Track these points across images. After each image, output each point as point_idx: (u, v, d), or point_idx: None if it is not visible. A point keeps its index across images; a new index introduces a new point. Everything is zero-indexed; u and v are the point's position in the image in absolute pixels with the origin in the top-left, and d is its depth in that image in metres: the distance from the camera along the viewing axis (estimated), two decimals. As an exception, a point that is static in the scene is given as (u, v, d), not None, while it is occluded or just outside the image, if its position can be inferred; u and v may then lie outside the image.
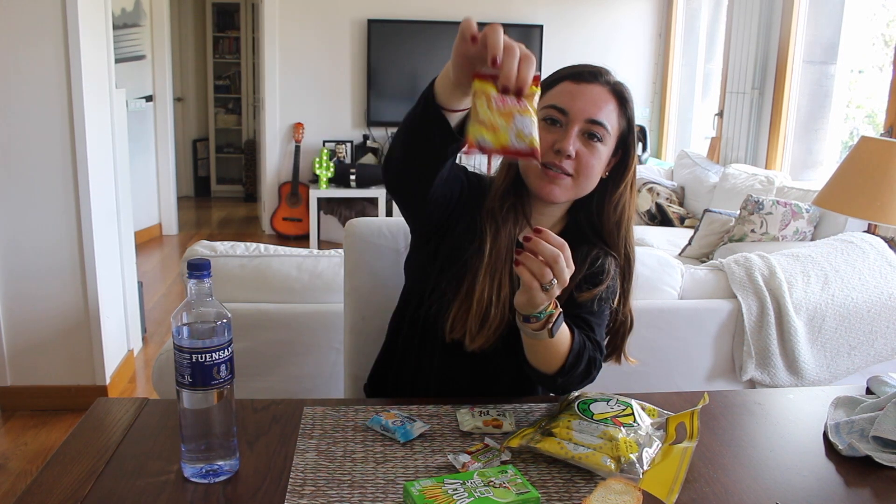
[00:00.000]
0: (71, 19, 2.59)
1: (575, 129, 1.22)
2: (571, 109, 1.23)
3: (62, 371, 2.83)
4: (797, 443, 1.17)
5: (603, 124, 1.23)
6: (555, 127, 1.24)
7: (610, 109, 1.25)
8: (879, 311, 2.05)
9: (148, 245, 5.54)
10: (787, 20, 4.25)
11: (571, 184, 1.24)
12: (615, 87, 1.27)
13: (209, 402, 0.99)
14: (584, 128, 1.23)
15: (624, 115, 1.27)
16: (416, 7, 5.67)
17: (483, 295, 1.22)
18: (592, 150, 1.23)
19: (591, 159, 1.23)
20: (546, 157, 1.22)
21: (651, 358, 2.00)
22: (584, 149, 1.23)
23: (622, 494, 0.95)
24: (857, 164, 2.49)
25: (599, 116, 1.23)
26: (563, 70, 1.29)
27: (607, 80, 1.27)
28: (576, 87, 1.25)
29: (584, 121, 1.23)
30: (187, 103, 7.35)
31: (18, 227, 2.71)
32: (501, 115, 0.89)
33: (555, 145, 1.22)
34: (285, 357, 1.88)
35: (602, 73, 1.27)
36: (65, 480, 0.99)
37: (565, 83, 1.26)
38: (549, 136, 1.23)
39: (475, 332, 1.23)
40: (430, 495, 0.92)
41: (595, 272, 1.28)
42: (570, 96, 1.24)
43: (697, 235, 3.82)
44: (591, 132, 1.23)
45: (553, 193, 1.24)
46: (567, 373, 1.18)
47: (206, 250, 1.92)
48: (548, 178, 1.23)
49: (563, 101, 1.24)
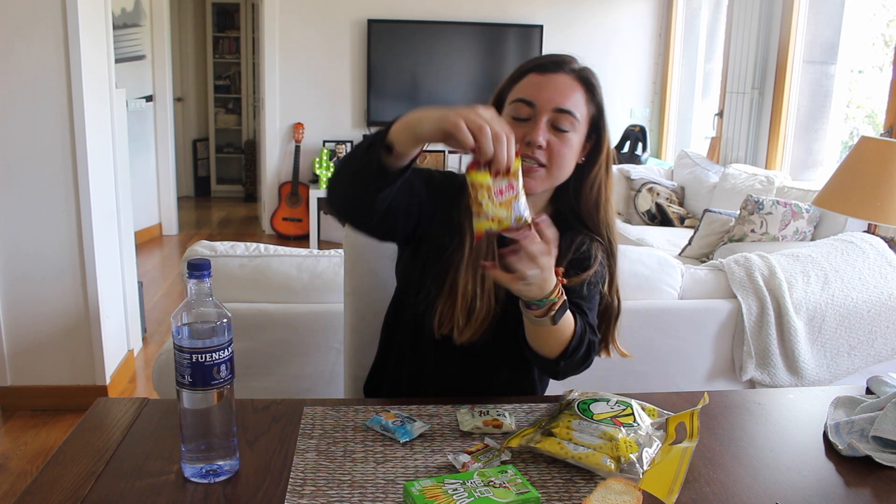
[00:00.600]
0: (71, 19, 2.59)
1: (543, 119, 1.23)
2: (538, 100, 1.24)
3: (62, 371, 2.83)
4: (797, 443, 1.17)
5: (571, 112, 1.24)
6: (523, 120, 1.25)
7: (577, 97, 1.25)
8: (879, 311, 2.05)
9: (148, 245, 5.54)
10: (787, 20, 4.25)
11: (545, 174, 1.26)
12: (581, 73, 1.27)
13: (209, 402, 0.99)
14: (552, 118, 1.24)
15: (592, 100, 1.28)
16: (416, 7, 5.67)
17: (467, 288, 1.24)
18: (563, 140, 1.24)
19: (561, 148, 1.24)
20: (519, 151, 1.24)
21: (651, 358, 2.00)
22: (554, 138, 1.24)
23: (622, 494, 0.95)
24: (857, 164, 2.49)
25: (566, 105, 1.24)
26: (528, 63, 1.29)
27: (572, 67, 1.27)
28: (541, 78, 1.25)
29: (552, 110, 1.23)
30: (187, 103, 7.35)
31: (18, 228, 2.71)
32: (502, 205, 0.99)
33: (525, 137, 1.23)
34: (285, 357, 1.88)
35: (566, 61, 1.28)
36: (65, 480, 0.99)
37: (531, 75, 1.26)
38: (519, 130, 1.24)
39: (463, 325, 1.24)
40: (430, 495, 0.92)
41: (581, 258, 1.30)
42: (535, 88, 1.25)
43: (697, 235, 3.82)
44: (560, 121, 1.24)
45: (528, 185, 1.24)
46: (569, 357, 1.19)
47: (206, 250, 1.92)
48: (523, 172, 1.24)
49: (530, 93, 1.25)
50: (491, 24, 5.72)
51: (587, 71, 1.29)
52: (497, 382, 1.37)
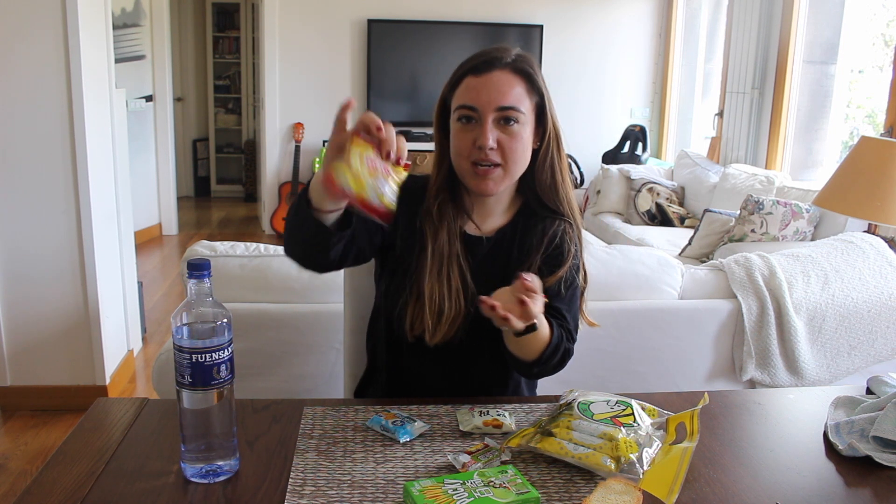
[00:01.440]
0: (71, 19, 2.59)
1: (489, 120, 1.24)
2: (478, 103, 1.24)
3: (62, 371, 2.83)
4: (797, 443, 1.17)
5: (514, 107, 1.24)
6: (470, 124, 1.26)
7: (517, 91, 1.25)
8: (879, 311, 2.05)
9: (148, 245, 5.54)
10: (787, 20, 4.25)
11: (502, 173, 1.27)
12: (516, 65, 1.27)
13: (209, 402, 0.99)
14: (496, 116, 1.24)
15: (533, 88, 1.28)
16: (416, 7, 5.67)
17: (433, 291, 1.27)
18: (512, 135, 1.25)
19: (512, 143, 1.25)
20: (472, 156, 1.25)
21: (651, 358, 2.00)
22: (503, 135, 1.25)
23: (622, 494, 0.95)
24: (857, 164, 2.49)
25: (507, 102, 1.24)
26: (463, 65, 1.29)
27: (506, 62, 1.26)
28: (478, 80, 1.25)
29: (495, 110, 1.24)
30: (187, 103, 7.35)
31: (18, 228, 2.71)
32: (369, 171, 1.00)
33: (475, 142, 1.24)
34: (285, 357, 1.88)
35: (499, 56, 1.27)
36: (65, 480, 0.99)
37: (467, 79, 1.27)
38: (468, 135, 1.26)
39: (433, 327, 1.27)
40: (430, 495, 0.92)
41: (555, 253, 1.31)
42: (474, 91, 1.25)
43: (697, 235, 3.82)
44: (506, 118, 1.24)
45: (488, 187, 1.28)
46: (543, 363, 1.23)
47: (206, 250, 1.92)
48: (479, 176, 1.26)
49: (470, 98, 1.25)
50: (491, 24, 5.72)
51: (522, 60, 1.28)
52: (476, 378, 1.37)
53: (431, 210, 1.32)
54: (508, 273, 1.27)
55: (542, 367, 1.24)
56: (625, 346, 1.94)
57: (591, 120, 6.01)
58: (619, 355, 1.94)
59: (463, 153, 1.27)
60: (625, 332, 1.93)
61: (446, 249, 1.29)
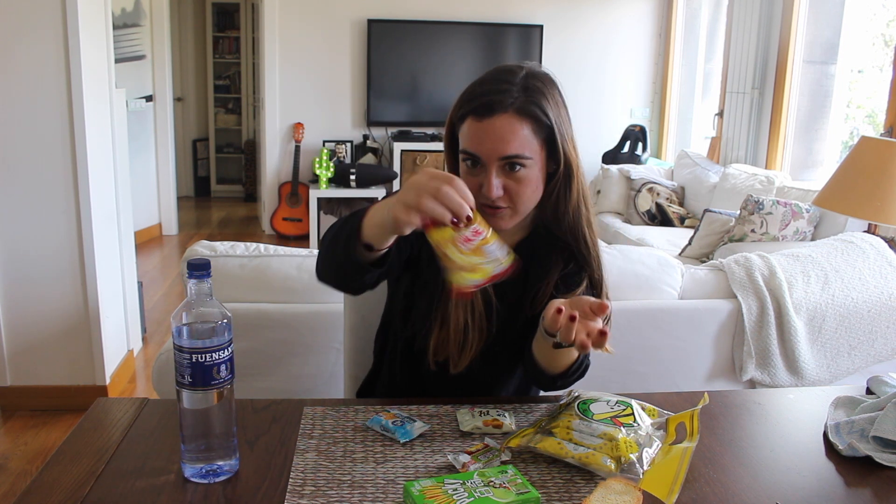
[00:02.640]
0: (71, 19, 2.59)
1: (493, 169, 1.18)
2: (482, 152, 1.18)
3: (62, 371, 2.83)
4: (797, 443, 1.17)
5: (518, 155, 1.17)
6: (476, 169, 1.20)
7: (522, 136, 1.17)
8: (879, 311, 2.05)
9: (148, 245, 5.54)
10: (787, 20, 4.25)
11: (511, 213, 1.22)
12: (520, 106, 1.17)
13: (209, 402, 0.99)
14: (501, 164, 1.18)
15: (541, 127, 1.20)
16: (416, 7, 5.67)
17: (459, 321, 1.24)
18: (519, 181, 1.19)
19: (519, 189, 1.20)
20: (479, 199, 1.18)
21: (651, 358, 2.00)
22: (509, 182, 1.19)
23: (622, 494, 0.95)
24: (857, 164, 2.49)
25: (511, 151, 1.17)
26: (465, 103, 1.20)
27: (509, 104, 1.17)
28: (479, 126, 1.17)
29: (498, 159, 1.18)
30: (187, 103, 7.35)
31: (18, 228, 2.71)
32: (473, 252, 0.95)
33: (481, 189, 1.19)
34: (285, 357, 1.88)
35: (501, 100, 1.17)
36: (65, 480, 0.99)
37: (469, 121, 1.19)
38: (474, 179, 1.20)
39: (457, 357, 1.25)
40: (430, 495, 0.92)
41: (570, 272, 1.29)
42: (477, 139, 1.18)
43: (697, 235, 3.82)
44: (511, 165, 1.18)
45: (498, 226, 1.21)
46: (568, 377, 1.23)
47: (206, 250, 1.92)
48: (489, 215, 1.20)
49: (473, 146, 1.19)
50: (491, 24, 5.72)
51: (526, 96, 1.18)
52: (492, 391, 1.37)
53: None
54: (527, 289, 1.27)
55: (566, 381, 1.24)
56: (625, 346, 1.93)
57: (591, 120, 6.01)
58: (619, 355, 1.93)
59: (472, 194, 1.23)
60: (625, 332, 1.93)
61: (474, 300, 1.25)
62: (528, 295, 1.28)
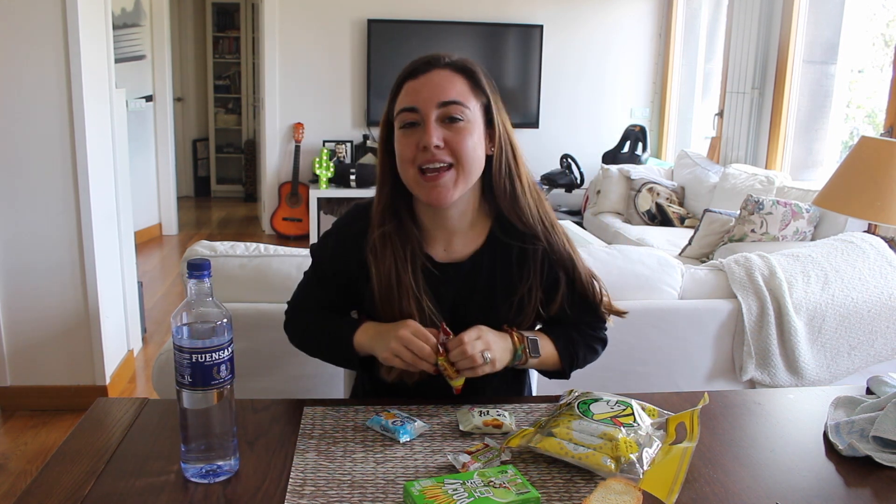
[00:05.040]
0: (71, 19, 2.58)
1: (431, 118, 1.16)
2: (419, 102, 1.17)
3: (62, 371, 2.83)
4: (797, 443, 1.17)
5: (456, 101, 1.17)
6: (413, 128, 1.18)
7: (459, 87, 1.18)
8: (879, 311, 2.05)
9: (148, 245, 5.54)
10: (787, 20, 4.25)
11: (455, 175, 1.17)
12: (457, 64, 1.21)
13: (209, 402, 0.99)
14: (440, 114, 1.16)
15: (478, 87, 1.21)
16: (416, 7, 5.66)
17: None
18: (458, 131, 1.17)
19: (460, 139, 1.16)
20: (418, 160, 1.17)
21: (651, 358, 2.00)
22: (448, 133, 1.16)
23: (622, 494, 0.95)
24: (857, 164, 2.49)
25: (449, 96, 1.17)
26: (401, 74, 1.23)
27: (446, 62, 1.21)
28: (416, 82, 1.19)
29: (436, 106, 1.16)
30: (187, 103, 7.35)
31: (18, 227, 2.70)
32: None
33: (420, 143, 1.16)
34: (285, 357, 1.88)
35: (438, 58, 1.21)
36: (65, 480, 0.99)
37: (407, 84, 1.20)
38: (411, 140, 1.17)
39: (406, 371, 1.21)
40: (430, 495, 0.92)
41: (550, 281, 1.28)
42: (414, 92, 1.18)
43: (697, 235, 3.82)
44: (449, 115, 1.16)
45: (441, 195, 1.18)
46: (570, 369, 1.31)
47: (206, 250, 1.92)
48: (430, 183, 1.17)
49: (410, 100, 1.18)
50: (491, 24, 5.72)
51: (464, 60, 1.22)
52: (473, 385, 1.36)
53: (374, 241, 1.23)
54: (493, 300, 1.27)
55: (571, 370, 1.32)
56: (625, 346, 1.93)
57: (591, 120, 6.01)
58: (619, 355, 1.94)
59: (407, 158, 1.17)
60: (625, 331, 1.93)
61: (394, 282, 1.21)
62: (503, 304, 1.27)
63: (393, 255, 1.21)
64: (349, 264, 1.28)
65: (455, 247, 1.28)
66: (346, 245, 1.28)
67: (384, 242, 1.22)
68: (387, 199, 1.24)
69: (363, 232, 1.26)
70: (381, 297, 1.23)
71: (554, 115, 5.91)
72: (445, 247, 1.28)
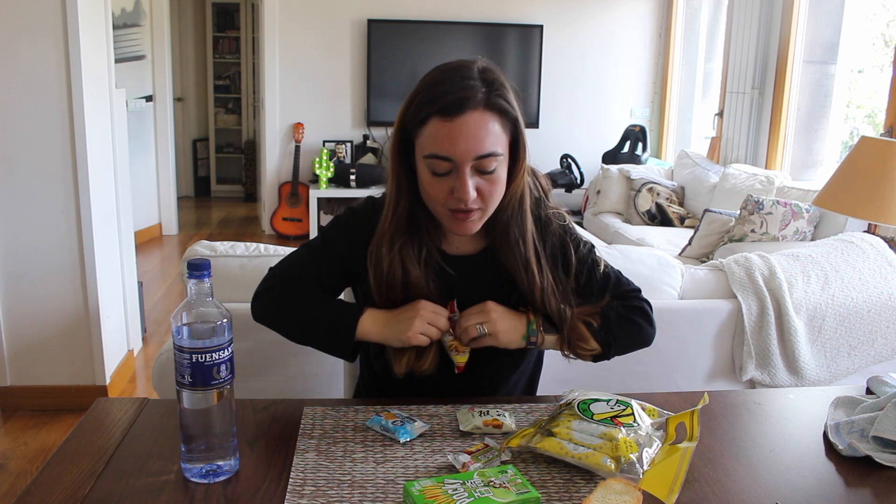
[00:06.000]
0: (71, 19, 2.58)
1: (466, 170, 1.13)
2: (455, 154, 1.12)
3: (62, 371, 2.83)
4: (797, 443, 1.17)
5: (492, 153, 1.14)
6: (445, 175, 1.15)
7: (493, 132, 1.14)
8: (879, 311, 2.05)
9: (148, 245, 5.54)
10: (787, 20, 4.25)
11: (481, 215, 1.20)
12: (489, 101, 1.14)
13: (209, 402, 0.99)
14: (474, 165, 1.14)
15: (508, 121, 1.17)
16: (416, 7, 5.67)
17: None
18: (491, 180, 1.16)
19: (492, 189, 1.17)
20: (449, 205, 1.17)
21: (651, 358, 1.99)
22: (482, 182, 1.16)
23: (622, 494, 0.95)
24: (857, 164, 2.49)
25: (486, 149, 1.13)
26: (428, 102, 1.15)
27: (478, 99, 1.13)
28: (449, 126, 1.12)
29: (473, 160, 1.13)
30: (187, 103, 7.35)
31: (18, 227, 2.71)
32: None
33: (454, 193, 1.15)
34: (285, 357, 1.88)
35: (468, 95, 1.12)
36: (65, 480, 0.99)
37: (435, 123, 1.13)
38: (444, 185, 1.15)
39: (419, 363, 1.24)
40: (430, 495, 0.92)
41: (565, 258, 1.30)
42: (447, 140, 1.12)
43: (697, 235, 3.82)
44: (484, 165, 1.14)
45: (467, 229, 1.20)
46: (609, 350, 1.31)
47: (206, 250, 1.92)
48: (458, 220, 1.19)
49: (443, 149, 1.13)
50: (491, 24, 5.72)
51: (492, 90, 1.15)
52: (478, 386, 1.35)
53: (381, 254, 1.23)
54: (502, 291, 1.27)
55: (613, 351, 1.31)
56: (625, 346, 1.93)
57: (591, 120, 6.01)
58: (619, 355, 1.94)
59: (439, 200, 1.17)
60: (625, 332, 1.93)
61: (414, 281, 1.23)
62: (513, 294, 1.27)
63: (401, 261, 1.23)
64: (355, 254, 1.29)
65: (465, 241, 1.31)
66: (357, 235, 1.29)
67: (392, 253, 1.23)
68: (403, 214, 1.23)
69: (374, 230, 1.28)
70: (381, 297, 1.25)
71: (554, 115, 5.91)
72: (458, 243, 1.31)
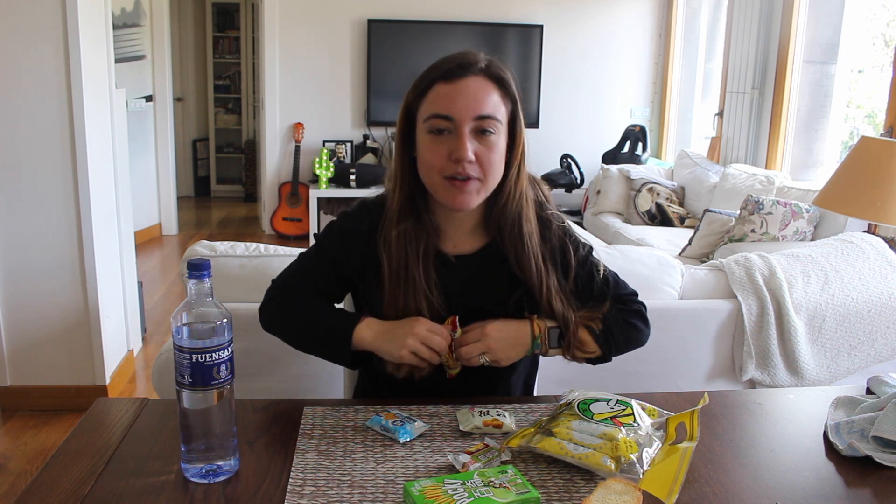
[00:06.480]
0: (71, 20, 2.59)
1: (466, 130, 1.16)
2: (455, 112, 1.16)
3: (62, 371, 2.83)
4: (797, 443, 1.17)
5: (492, 116, 1.17)
6: (443, 136, 1.17)
7: (493, 98, 1.18)
8: (879, 311, 2.05)
9: (148, 245, 5.54)
10: (787, 20, 4.25)
11: (479, 185, 1.20)
12: (490, 70, 1.19)
13: (209, 402, 0.99)
14: (474, 126, 1.16)
15: (508, 96, 1.20)
16: (416, 7, 5.67)
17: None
18: (489, 145, 1.18)
19: (490, 155, 1.18)
20: (446, 170, 1.17)
21: (651, 358, 2.00)
22: (480, 147, 1.17)
23: (622, 494, 0.95)
24: (857, 164, 2.49)
25: (486, 110, 1.16)
26: (432, 71, 1.19)
27: (480, 67, 1.18)
28: (451, 87, 1.16)
29: (472, 119, 1.16)
30: (187, 103, 7.35)
31: (18, 227, 2.71)
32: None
33: (451, 155, 1.16)
34: (285, 357, 1.88)
35: (472, 61, 1.18)
36: (65, 480, 0.99)
37: (439, 86, 1.17)
38: (442, 147, 1.17)
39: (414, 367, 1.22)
40: (430, 495, 0.92)
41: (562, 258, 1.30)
42: (448, 99, 1.16)
43: (697, 235, 3.82)
44: (483, 128, 1.17)
45: (465, 201, 1.20)
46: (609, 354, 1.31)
47: (206, 250, 1.92)
48: (455, 189, 1.18)
49: (445, 107, 1.16)
50: (491, 24, 5.72)
51: (495, 66, 1.20)
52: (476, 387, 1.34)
53: (390, 238, 1.24)
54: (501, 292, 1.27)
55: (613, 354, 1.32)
56: (625, 346, 1.93)
57: (591, 120, 6.01)
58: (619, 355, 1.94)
59: (436, 166, 1.18)
60: (625, 332, 1.93)
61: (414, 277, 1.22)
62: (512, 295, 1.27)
63: (405, 250, 1.23)
64: (351, 258, 1.29)
65: (465, 240, 1.30)
66: (351, 239, 1.30)
67: (399, 238, 1.23)
68: (406, 198, 1.25)
69: (370, 229, 1.28)
70: (391, 290, 1.24)
71: (554, 115, 5.91)
72: (456, 241, 1.30)
